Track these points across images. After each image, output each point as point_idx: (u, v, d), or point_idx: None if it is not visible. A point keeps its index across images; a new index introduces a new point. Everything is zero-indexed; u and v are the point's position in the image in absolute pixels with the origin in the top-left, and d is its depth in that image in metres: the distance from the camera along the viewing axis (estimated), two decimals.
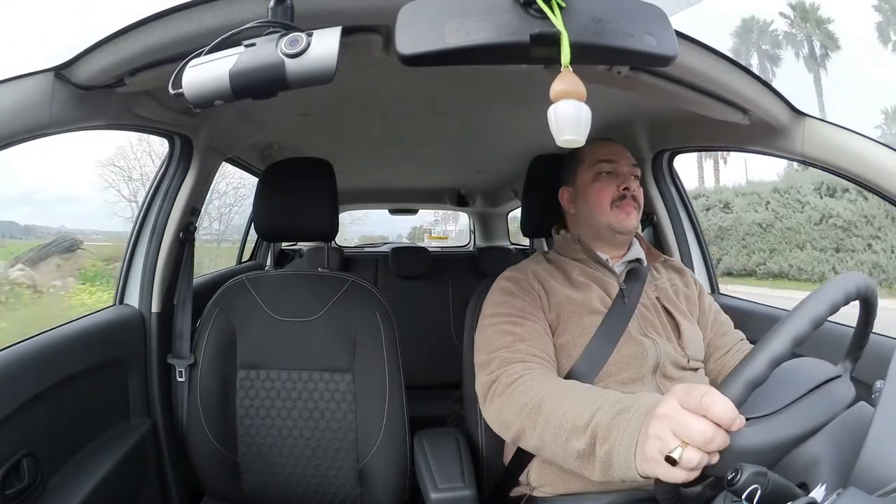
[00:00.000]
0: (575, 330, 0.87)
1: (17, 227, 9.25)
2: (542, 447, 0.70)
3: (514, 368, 0.78)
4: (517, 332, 0.84)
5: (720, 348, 0.96)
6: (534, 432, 0.70)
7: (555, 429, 0.66)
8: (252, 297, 1.09)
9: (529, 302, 0.89)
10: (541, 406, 0.69)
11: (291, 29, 0.50)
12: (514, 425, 0.73)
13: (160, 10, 0.61)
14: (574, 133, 0.45)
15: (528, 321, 0.86)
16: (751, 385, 0.51)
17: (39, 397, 0.80)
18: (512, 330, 0.84)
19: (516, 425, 0.73)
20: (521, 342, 0.82)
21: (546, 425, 0.68)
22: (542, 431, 0.68)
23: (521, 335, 0.83)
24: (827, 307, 0.54)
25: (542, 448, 0.70)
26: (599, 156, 0.96)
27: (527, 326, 0.85)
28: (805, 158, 0.88)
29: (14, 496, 0.74)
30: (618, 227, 0.93)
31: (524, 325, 0.85)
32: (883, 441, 0.47)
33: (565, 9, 0.45)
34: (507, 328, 0.85)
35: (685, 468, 0.51)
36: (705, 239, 1.37)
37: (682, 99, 0.80)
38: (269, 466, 1.08)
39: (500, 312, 0.88)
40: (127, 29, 0.64)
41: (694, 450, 0.50)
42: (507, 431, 0.76)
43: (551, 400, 0.69)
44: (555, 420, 0.67)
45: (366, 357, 1.06)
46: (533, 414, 0.70)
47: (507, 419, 0.75)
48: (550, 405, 0.68)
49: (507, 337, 0.83)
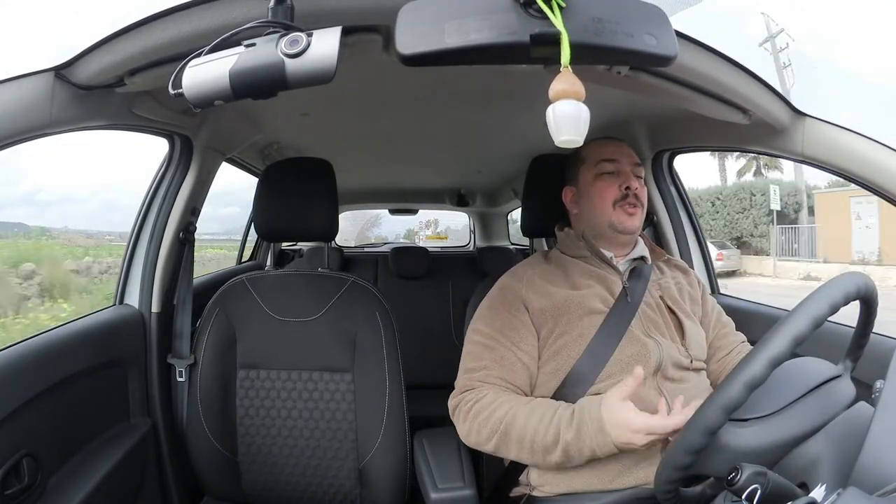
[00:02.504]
0: (574, 330, 0.87)
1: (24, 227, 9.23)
2: (520, 460, 0.82)
3: (469, 395, 0.87)
4: (483, 358, 0.89)
5: (722, 349, 0.96)
6: (509, 452, 0.81)
7: (528, 450, 0.78)
8: (252, 297, 1.09)
9: (509, 318, 0.90)
10: (508, 434, 0.80)
11: (291, 29, 0.50)
12: (488, 445, 0.83)
13: (160, 10, 0.61)
14: (572, 133, 0.45)
15: (500, 346, 0.88)
16: (750, 385, 0.51)
17: (39, 397, 0.80)
18: (480, 354, 0.89)
19: (491, 445, 0.82)
20: (483, 370, 0.88)
21: (520, 447, 0.79)
22: (518, 451, 0.80)
23: (485, 363, 0.88)
24: (827, 307, 0.54)
25: (520, 460, 0.82)
26: (601, 155, 0.95)
27: (496, 352, 0.88)
28: (805, 158, 0.88)
29: (14, 496, 0.74)
30: (620, 228, 0.92)
31: (495, 349, 0.88)
32: (883, 441, 0.47)
33: (565, 9, 0.45)
34: (477, 350, 0.90)
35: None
36: (705, 239, 1.37)
37: (682, 99, 0.80)
38: (269, 466, 1.08)
39: (479, 329, 0.92)
40: (127, 29, 0.63)
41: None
42: (483, 448, 0.84)
43: (515, 426, 0.79)
44: (526, 443, 0.78)
45: (366, 357, 1.06)
46: (503, 438, 0.80)
47: (478, 440, 0.84)
48: (516, 431, 0.79)
49: (474, 361, 0.90)
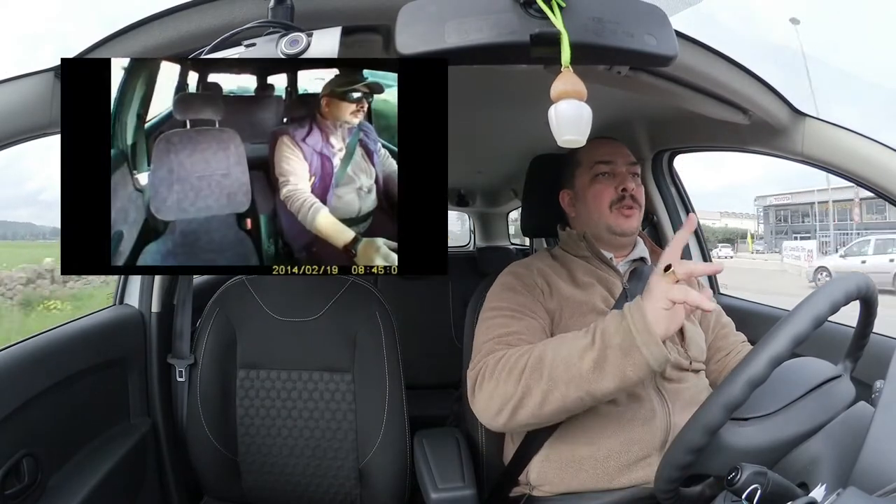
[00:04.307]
0: (576, 328, 0.87)
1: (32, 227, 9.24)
2: (550, 392, 0.71)
3: (497, 353, 0.80)
4: (512, 327, 0.84)
5: (721, 350, 0.96)
6: (540, 383, 0.72)
7: (564, 363, 0.70)
8: (252, 297, 1.09)
9: (531, 298, 0.88)
10: (542, 358, 0.73)
11: (291, 29, 0.50)
12: (513, 395, 0.74)
13: (160, 10, 0.61)
14: (575, 133, 0.45)
15: (527, 317, 0.86)
16: (751, 384, 0.51)
17: (39, 397, 0.80)
18: (507, 324, 0.85)
19: (518, 392, 0.73)
20: (513, 335, 0.83)
21: (553, 366, 0.71)
22: (550, 373, 0.71)
23: (517, 330, 0.84)
24: (827, 307, 0.54)
25: (550, 392, 0.71)
26: (596, 157, 0.95)
27: (524, 322, 0.85)
28: (805, 158, 0.88)
29: (14, 496, 0.74)
30: (617, 230, 0.92)
31: (522, 320, 0.85)
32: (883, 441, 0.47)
33: (565, 9, 0.45)
34: (502, 321, 0.85)
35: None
36: (705, 239, 1.37)
37: (682, 99, 0.80)
38: (269, 466, 1.08)
39: (499, 306, 0.88)
40: (126, 29, 0.63)
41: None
42: (504, 408, 0.75)
43: (548, 349, 0.73)
44: (561, 357, 0.71)
45: (366, 357, 1.06)
46: (536, 368, 0.73)
47: (504, 392, 0.75)
48: (551, 354, 0.73)
49: (500, 329, 0.84)
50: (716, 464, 0.56)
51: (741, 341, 0.98)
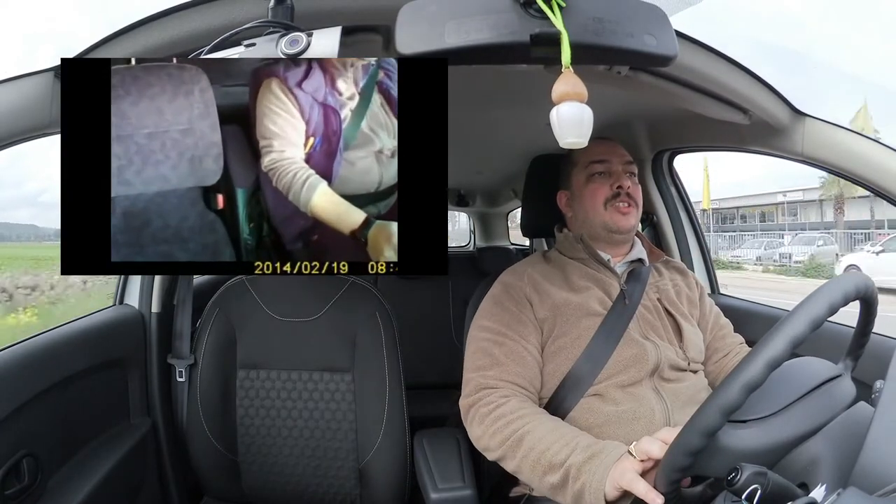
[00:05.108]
0: (572, 332, 0.87)
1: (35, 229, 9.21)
2: (519, 473, 0.78)
3: (489, 397, 0.83)
4: (495, 354, 0.86)
5: (720, 350, 0.96)
6: (513, 461, 0.78)
7: (532, 463, 0.75)
8: (252, 297, 1.09)
9: (517, 313, 0.89)
10: (521, 441, 0.77)
11: (291, 29, 0.50)
12: (496, 451, 0.80)
13: (160, 10, 0.61)
14: (577, 135, 0.45)
15: (510, 340, 0.87)
16: (747, 388, 0.51)
17: (39, 397, 0.80)
18: (490, 350, 0.87)
19: (498, 452, 0.80)
20: (497, 366, 0.85)
21: (525, 458, 0.76)
22: (521, 462, 0.76)
23: (498, 358, 0.86)
24: (826, 308, 0.54)
25: (519, 473, 0.78)
26: (592, 156, 0.95)
27: (506, 347, 0.87)
28: (805, 158, 0.88)
29: (14, 496, 0.74)
30: (613, 227, 0.92)
31: (504, 344, 0.87)
32: (883, 441, 0.47)
33: (565, 9, 0.45)
34: (486, 346, 0.88)
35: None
36: (705, 239, 1.37)
37: (682, 99, 0.80)
38: (268, 466, 1.08)
39: (485, 326, 0.90)
40: (126, 29, 0.63)
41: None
42: (489, 454, 0.82)
43: (531, 437, 0.76)
44: (533, 455, 0.75)
45: (366, 357, 1.06)
46: (514, 447, 0.77)
47: (488, 445, 0.81)
48: (530, 441, 0.76)
49: (485, 358, 0.87)
50: (716, 465, 0.56)
51: (739, 343, 0.98)
